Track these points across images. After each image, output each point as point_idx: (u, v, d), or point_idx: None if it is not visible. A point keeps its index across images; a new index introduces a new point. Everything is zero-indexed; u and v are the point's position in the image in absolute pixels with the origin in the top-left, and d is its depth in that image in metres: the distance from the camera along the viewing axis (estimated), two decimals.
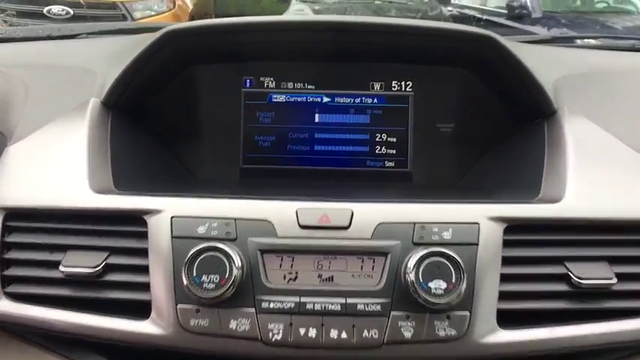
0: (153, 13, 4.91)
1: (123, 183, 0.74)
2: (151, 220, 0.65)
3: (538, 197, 0.72)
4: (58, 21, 4.35)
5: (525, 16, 4.50)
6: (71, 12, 4.47)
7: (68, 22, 4.18)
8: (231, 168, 0.96)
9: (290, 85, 0.97)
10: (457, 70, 0.93)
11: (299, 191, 0.70)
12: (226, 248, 0.61)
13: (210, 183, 0.93)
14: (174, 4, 5.09)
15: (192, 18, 4.88)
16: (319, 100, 0.96)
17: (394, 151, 0.96)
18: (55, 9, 4.45)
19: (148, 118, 0.90)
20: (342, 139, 0.96)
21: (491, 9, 5.27)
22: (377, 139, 0.96)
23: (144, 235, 0.66)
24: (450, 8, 5.79)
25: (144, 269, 0.65)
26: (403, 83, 0.96)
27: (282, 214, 0.65)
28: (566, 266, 0.66)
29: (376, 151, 0.96)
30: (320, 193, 0.70)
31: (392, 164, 0.96)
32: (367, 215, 0.65)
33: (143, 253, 0.65)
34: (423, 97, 0.96)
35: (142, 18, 4.73)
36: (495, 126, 0.92)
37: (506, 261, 0.65)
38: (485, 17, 5.04)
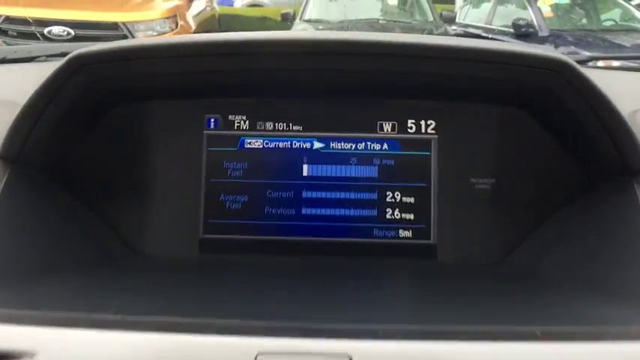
0: (155, 34, 4.77)
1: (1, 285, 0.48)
2: None
3: None
4: (58, 42, 4.22)
5: (532, 34, 4.40)
6: (72, 33, 4.33)
7: (69, 43, 4.06)
8: (188, 239, 0.70)
9: (269, 125, 0.72)
10: (500, 105, 0.68)
11: (276, 283, 0.45)
12: None
13: (155, 264, 0.67)
14: (177, 24, 4.95)
15: None
16: (308, 145, 0.71)
17: (412, 216, 0.70)
18: (56, 30, 4.33)
19: (70, 174, 0.66)
20: (340, 199, 0.71)
21: (496, 27, 5.12)
22: (388, 200, 0.70)
23: None
24: (454, 27, 5.64)
25: None
26: (423, 123, 0.71)
27: None
28: None
29: (387, 216, 0.70)
30: (304, 295, 0.44)
31: (409, 234, 0.70)
32: None
33: None
34: (452, 141, 0.71)
35: None
36: (555, 184, 0.67)
37: None
38: (490, 36, 4.90)
